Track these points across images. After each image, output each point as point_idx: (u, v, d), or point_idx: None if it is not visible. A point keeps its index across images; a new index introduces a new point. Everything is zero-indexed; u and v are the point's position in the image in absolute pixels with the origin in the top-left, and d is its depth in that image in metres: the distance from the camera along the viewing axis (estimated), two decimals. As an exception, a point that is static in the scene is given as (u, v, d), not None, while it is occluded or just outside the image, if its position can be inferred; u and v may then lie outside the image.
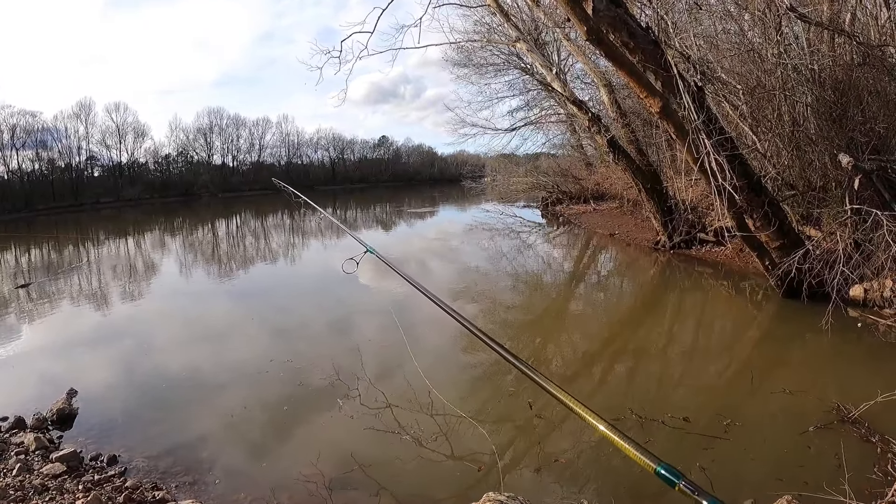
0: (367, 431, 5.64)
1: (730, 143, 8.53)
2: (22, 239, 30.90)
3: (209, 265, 19.54)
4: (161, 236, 31.77)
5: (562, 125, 29.09)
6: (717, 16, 10.83)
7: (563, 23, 15.86)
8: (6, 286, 15.77)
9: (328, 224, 27.92)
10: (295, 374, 7.39)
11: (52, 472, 4.94)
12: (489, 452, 4.97)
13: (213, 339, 9.50)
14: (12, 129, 61.68)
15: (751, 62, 9.80)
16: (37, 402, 6.64)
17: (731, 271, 12.42)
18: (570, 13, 7.97)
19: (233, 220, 40.81)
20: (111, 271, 18.22)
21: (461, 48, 25.73)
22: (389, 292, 11.60)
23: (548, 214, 29.46)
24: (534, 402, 5.96)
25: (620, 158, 15.13)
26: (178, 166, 76.82)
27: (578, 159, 30.48)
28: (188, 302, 13.23)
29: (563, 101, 20.09)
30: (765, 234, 9.10)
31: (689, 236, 14.77)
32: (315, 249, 23.38)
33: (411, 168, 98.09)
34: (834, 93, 9.06)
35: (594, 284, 13.92)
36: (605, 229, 20.81)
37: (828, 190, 9.64)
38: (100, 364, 8.38)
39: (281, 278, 16.69)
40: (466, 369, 7.51)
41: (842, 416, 5.28)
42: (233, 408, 6.42)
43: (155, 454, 5.40)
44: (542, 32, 22.44)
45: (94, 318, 11.56)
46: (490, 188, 39.35)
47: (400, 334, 7.26)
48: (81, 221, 43.49)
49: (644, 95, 8.47)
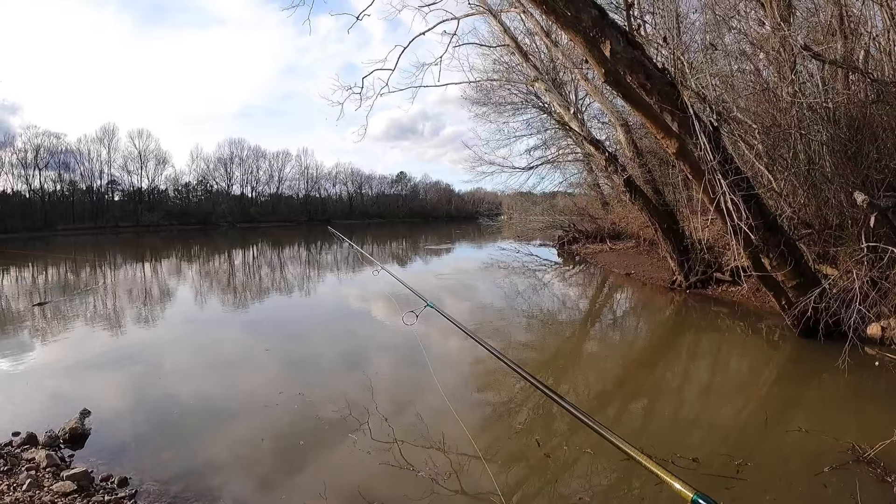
0: (377, 466, 5.60)
1: (745, 183, 8.55)
2: (40, 258, 31.33)
3: (224, 294, 19.67)
4: (178, 263, 32.06)
5: (579, 164, 29.26)
6: (732, 56, 10.97)
7: (581, 63, 16.08)
8: (23, 303, 15.96)
9: (344, 257, 28.01)
10: (307, 406, 7.36)
11: (63, 489, 4.95)
12: (501, 492, 4.92)
13: (226, 368, 9.51)
14: (36, 150, 63.27)
15: (766, 101, 9.88)
16: (49, 419, 6.66)
17: (747, 311, 12.31)
18: (589, 55, 8.11)
19: (250, 250, 41.12)
20: (127, 295, 18.41)
21: (480, 87, 26.14)
22: (410, 330, 11.57)
23: (564, 253, 29.44)
24: (545, 440, 5.92)
25: (637, 198, 15.18)
26: (198, 195, 78.03)
27: (595, 198, 30.53)
28: (202, 329, 13.30)
29: (580, 140, 20.28)
30: (781, 274, 9.04)
31: (705, 276, 14.70)
32: (339, 283, 23.45)
33: (428, 204, 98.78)
34: (849, 130, 9.10)
35: (610, 324, 13.83)
36: (621, 268, 20.73)
37: (844, 228, 9.60)
38: (113, 386, 8.42)
39: (299, 309, 16.75)
40: (483, 406, 7.47)
41: (857, 456, 5.19)
42: (244, 437, 6.41)
43: (165, 479, 5.38)
44: (559, 72, 22.75)
45: (109, 340, 11.63)
46: (506, 226, 39.49)
47: (421, 369, 7.26)
48: (100, 244, 44.12)
49: (661, 136, 8.55)
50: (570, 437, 5.99)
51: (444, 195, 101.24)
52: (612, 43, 8.24)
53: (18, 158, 61.91)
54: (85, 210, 66.27)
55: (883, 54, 9.64)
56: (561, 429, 6.33)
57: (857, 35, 9.74)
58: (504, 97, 27.06)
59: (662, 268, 17.62)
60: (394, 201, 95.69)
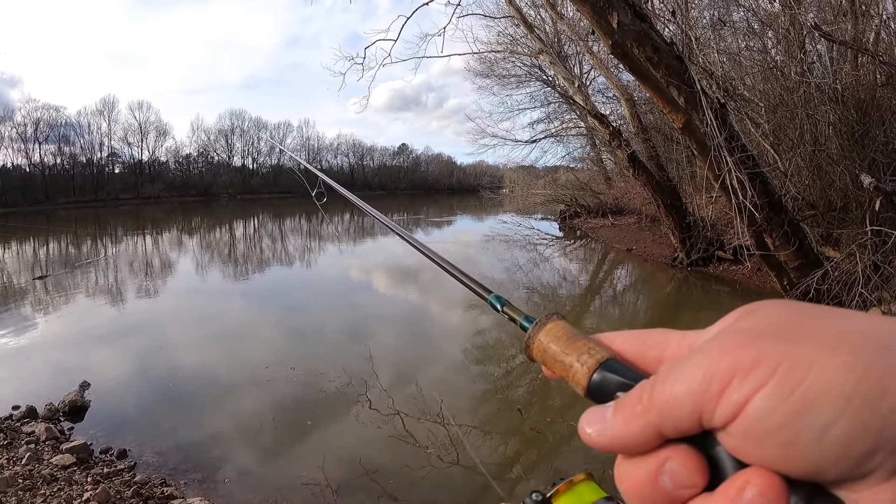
0: (376, 438, 5.62)
1: (751, 161, 8.45)
2: (41, 231, 31.31)
3: (225, 265, 19.68)
4: (179, 235, 32.04)
5: (582, 138, 29.12)
6: (740, 33, 10.79)
7: (587, 36, 15.85)
8: (24, 277, 15.98)
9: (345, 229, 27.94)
10: (309, 378, 7.38)
11: (62, 462, 4.97)
12: (499, 463, 4.94)
13: (228, 339, 9.54)
14: (36, 123, 62.85)
15: (773, 80, 9.74)
16: (49, 392, 6.69)
17: (748, 290, 12.28)
18: (596, 26, 7.97)
19: (251, 221, 41.08)
20: (128, 267, 18.43)
21: (484, 59, 25.89)
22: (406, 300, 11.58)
23: (565, 227, 29.36)
24: (525, 409, 5.93)
25: (640, 173, 15.05)
26: (199, 166, 77.65)
27: (598, 173, 30.39)
28: (203, 301, 13.32)
29: (584, 114, 20.11)
30: (783, 254, 8.99)
31: (707, 253, 14.63)
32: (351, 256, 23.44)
33: (430, 177, 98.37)
34: (856, 112, 8.97)
35: (609, 299, 13.83)
36: (622, 244, 20.68)
37: (848, 210, 9.52)
38: (113, 358, 8.44)
39: (300, 280, 16.76)
40: (477, 380, 7.49)
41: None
42: (245, 409, 6.44)
43: (165, 450, 5.42)
44: (564, 45, 22.50)
45: (109, 312, 11.65)
46: (508, 199, 39.36)
47: (413, 345, 7.25)
48: (100, 216, 44.08)
49: (668, 111, 8.44)
50: (566, 412, 6.00)
51: (446, 168, 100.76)
52: (619, 14, 8.09)
53: (18, 133, 61.54)
54: (85, 183, 65.99)
55: (893, 37, 9.47)
56: (555, 404, 6.35)
57: (868, 16, 9.55)
58: (508, 69, 26.83)
59: (664, 244, 17.55)
60: (395, 173, 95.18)
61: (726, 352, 0.35)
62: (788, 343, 0.34)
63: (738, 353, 0.34)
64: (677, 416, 0.36)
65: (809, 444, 0.32)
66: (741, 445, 0.34)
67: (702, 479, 0.36)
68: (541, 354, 0.48)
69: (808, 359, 0.32)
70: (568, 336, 0.46)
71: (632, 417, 0.38)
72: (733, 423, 0.34)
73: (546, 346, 0.47)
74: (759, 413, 0.33)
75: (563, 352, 0.46)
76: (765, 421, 0.33)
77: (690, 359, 0.37)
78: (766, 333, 0.35)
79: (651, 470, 0.37)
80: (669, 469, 0.37)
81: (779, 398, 0.32)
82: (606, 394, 0.42)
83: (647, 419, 0.37)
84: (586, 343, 0.45)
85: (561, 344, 0.46)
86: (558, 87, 24.30)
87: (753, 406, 0.33)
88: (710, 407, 0.34)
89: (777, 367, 0.33)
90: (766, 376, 0.33)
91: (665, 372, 0.38)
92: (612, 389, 0.41)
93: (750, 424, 0.33)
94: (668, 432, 0.37)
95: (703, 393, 0.35)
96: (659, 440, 0.37)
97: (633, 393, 0.39)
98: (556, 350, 0.46)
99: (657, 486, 0.37)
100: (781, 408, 0.32)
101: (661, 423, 0.37)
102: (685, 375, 0.36)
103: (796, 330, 0.35)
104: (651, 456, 0.38)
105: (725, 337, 0.37)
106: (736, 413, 0.34)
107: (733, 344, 0.36)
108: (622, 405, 0.39)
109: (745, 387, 0.33)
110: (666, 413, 0.36)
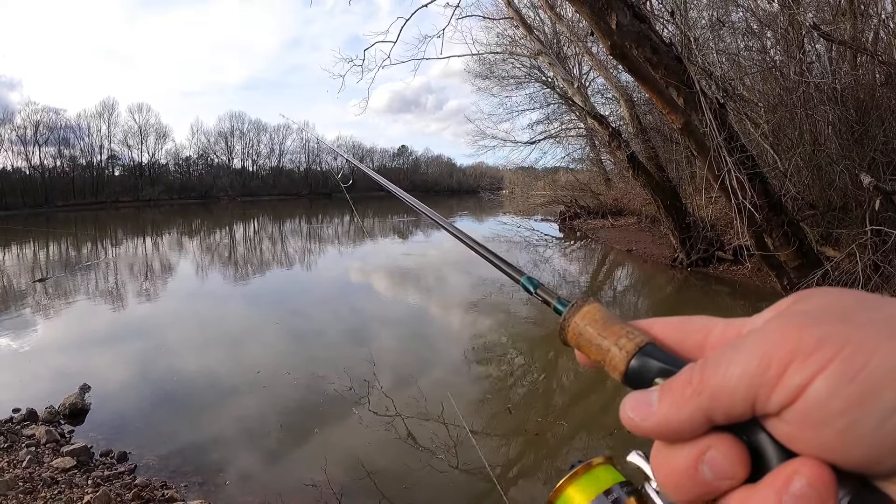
0: (378, 440, 5.62)
1: (751, 161, 8.46)
2: (40, 233, 31.28)
3: (225, 267, 19.66)
4: (179, 237, 32.03)
5: (581, 139, 29.08)
6: (739, 33, 10.79)
7: (586, 37, 15.86)
8: (24, 280, 15.97)
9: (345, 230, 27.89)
10: (310, 381, 7.37)
11: (62, 465, 4.97)
12: (501, 464, 4.93)
13: (229, 342, 9.52)
14: (36, 126, 62.86)
15: (772, 80, 9.75)
16: (49, 395, 6.66)
17: (748, 290, 12.27)
18: (595, 27, 7.99)
19: (250, 223, 41.06)
20: (128, 270, 18.40)
21: (483, 60, 25.93)
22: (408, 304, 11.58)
23: (565, 228, 29.35)
24: (525, 409, 5.91)
25: (640, 174, 15.05)
26: (198, 169, 77.64)
27: (597, 174, 30.39)
28: (204, 303, 13.31)
29: (583, 115, 20.10)
30: (783, 254, 9.00)
31: (706, 254, 14.63)
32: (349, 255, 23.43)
33: (430, 178, 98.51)
34: (856, 112, 8.98)
35: (609, 300, 13.80)
36: (622, 245, 20.68)
37: (848, 210, 9.52)
38: (113, 361, 8.43)
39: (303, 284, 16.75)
40: (478, 381, 7.48)
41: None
42: (246, 411, 6.43)
43: (165, 453, 5.41)
44: (563, 46, 22.51)
45: (110, 315, 11.65)
46: (508, 201, 39.36)
47: (413, 346, 7.24)
48: (100, 219, 44.06)
49: (667, 111, 8.44)
50: (566, 412, 6.00)
51: (445, 169, 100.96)
52: (618, 15, 8.10)
53: (18, 135, 61.54)
54: (85, 185, 66.03)
55: (892, 37, 9.49)
56: (554, 404, 6.35)
57: (867, 16, 9.57)
58: (507, 71, 26.85)
59: (664, 245, 17.55)
60: (395, 175, 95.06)
61: (787, 333, 0.34)
62: (851, 326, 0.32)
63: (800, 334, 0.33)
64: (730, 401, 0.35)
65: (868, 431, 0.30)
66: (797, 432, 0.33)
67: (743, 470, 0.35)
68: (576, 338, 0.46)
69: (872, 343, 0.31)
70: (605, 319, 0.45)
71: (681, 401, 0.36)
72: (790, 407, 0.33)
73: (582, 329, 0.46)
74: (821, 396, 0.31)
75: (599, 335, 0.44)
76: (826, 405, 0.31)
77: (745, 341, 0.36)
78: (827, 316, 0.34)
79: (691, 458, 0.36)
80: (710, 458, 0.36)
81: (842, 381, 0.31)
82: (645, 380, 0.40)
83: (697, 403, 0.36)
84: (624, 327, 0.44)
85: (598, 327, 0.45)
86: (557, 89, 24.29)
87: (814, 388, 0.32)
88: (767, 391, 0.33)
89: (841, 348, 0.31)
90: (829, 358, 0.31)
91: (718, 355, 0.37)
92: (651, 376, 0.40)
93: (809, 409, 0.32)
94: (719, 418, 0.36)
95: (761, 376, 0.33)
96: (707, 426, 0.36)
97: (681, 376, 0.38)
98: (593, 333, 0.45)
99: (696, 476, 0.36)
100: (843, 391, 0.31)
101: (711, 408, 0.35)
102: (741, 357, 0.35)
103: (856, 315, 0.33)
104: (692, 444, 0.37)
105: (784, 319, 0.36)
106: (795, 397, 0.32)
107: (794, 325, 0.34)
108: (670, 388, 0.38)
109: (806, 368, 0.32)
110: (718, 397, 0.35)
